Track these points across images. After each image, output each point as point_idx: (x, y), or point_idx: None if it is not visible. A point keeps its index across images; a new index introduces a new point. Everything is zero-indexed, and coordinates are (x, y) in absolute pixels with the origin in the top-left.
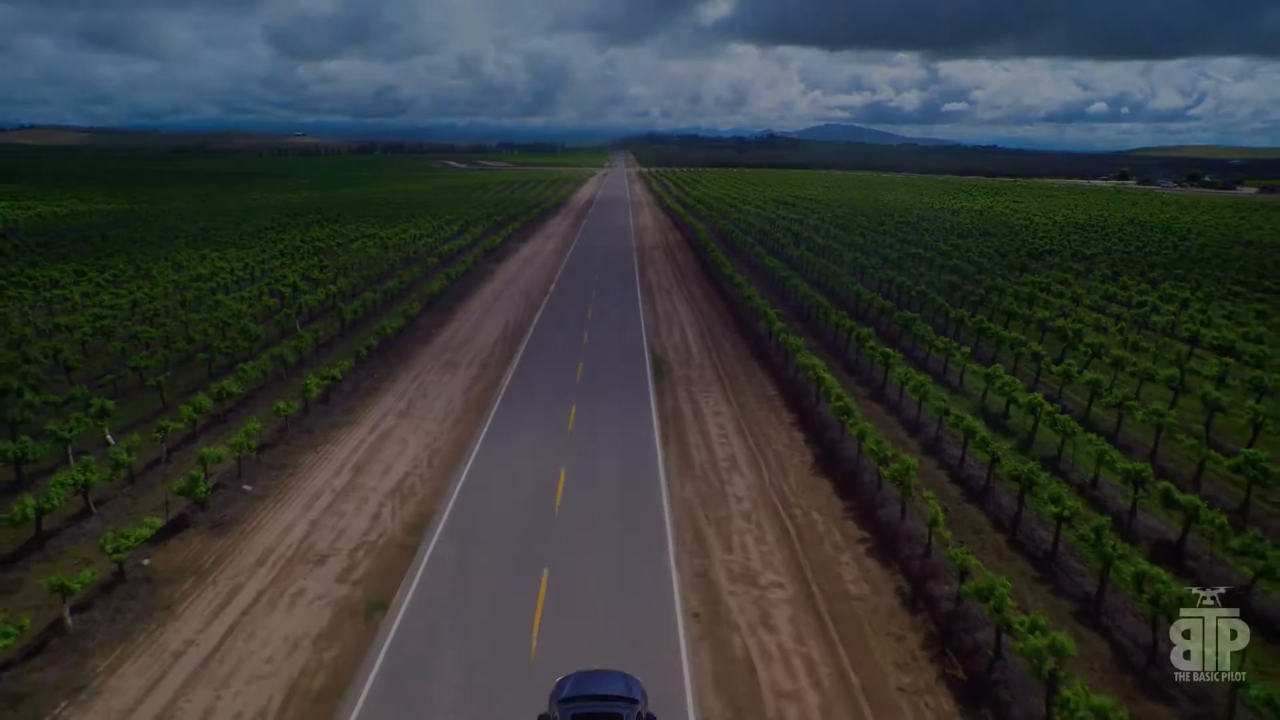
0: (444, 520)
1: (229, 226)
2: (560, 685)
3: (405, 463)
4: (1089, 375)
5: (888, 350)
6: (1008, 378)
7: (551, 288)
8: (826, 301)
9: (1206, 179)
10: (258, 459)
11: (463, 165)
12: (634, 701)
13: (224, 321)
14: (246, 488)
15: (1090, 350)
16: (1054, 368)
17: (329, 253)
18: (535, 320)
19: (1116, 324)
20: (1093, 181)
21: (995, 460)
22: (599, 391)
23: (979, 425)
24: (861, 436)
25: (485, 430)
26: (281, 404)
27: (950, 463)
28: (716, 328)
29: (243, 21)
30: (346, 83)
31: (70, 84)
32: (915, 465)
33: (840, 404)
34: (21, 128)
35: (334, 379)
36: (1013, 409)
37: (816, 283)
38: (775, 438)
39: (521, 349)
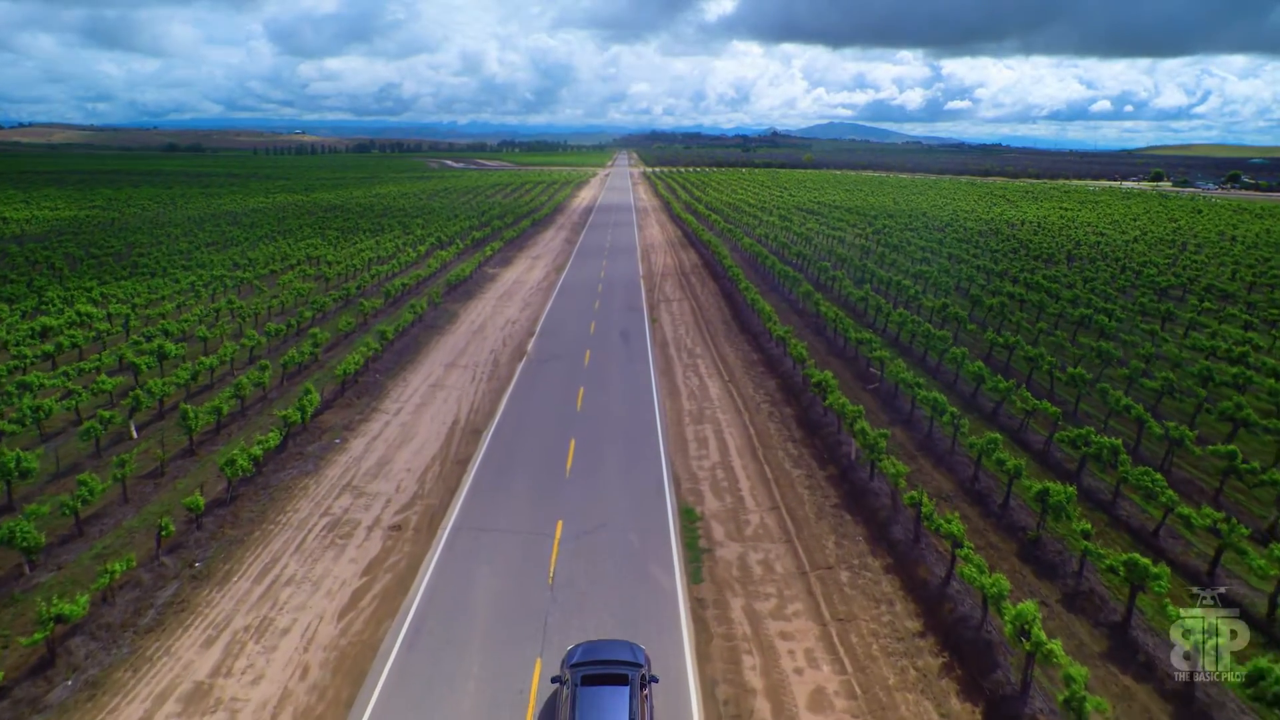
0: None
1: (166, 242)
2: (571, 653)
3: None
4: None
5: (1160, 581)
6: None
7: (530, 346)
8: (942, 397)
9: (1246, 180)
10: None
11: (459, 164)
12: (638, 665)
13: None
14: None
15: None
16: None
17: (249, 287)
18: (500, 411)
19: None
20: (1124, 183)
21: None
22: (588, 618)
23: None
24: None
25: None
26: None
27: None
28: (772, 437)
29: (244, 19)
30: (349, 80)
31: (73, 82)
32: None
33: None
34: (20, 125)
35: (57, 622)
36: None
37: (898, 346)
38: None
39: (469, 481)
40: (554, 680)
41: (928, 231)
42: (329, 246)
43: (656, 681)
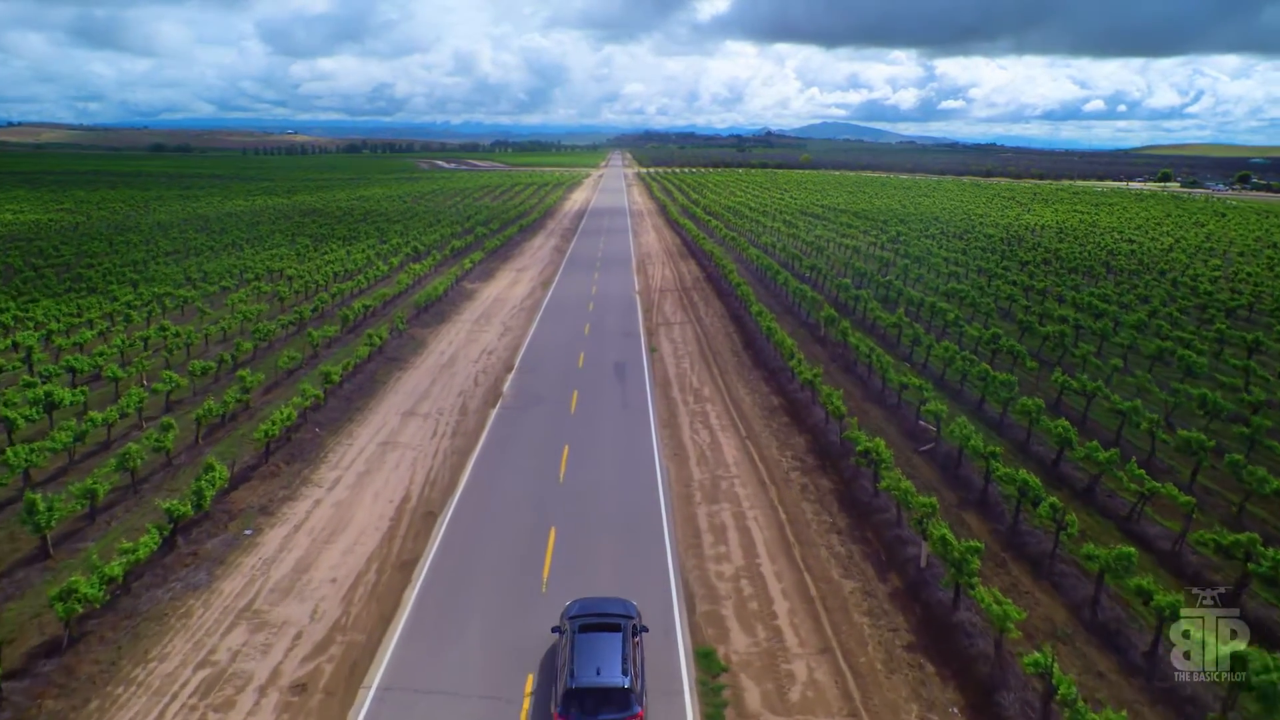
0: None
1: (122, 251)
2: (569, 607)
3: None
4: None
5: None
6: None
7: (507, 386)
8: (1034, 480)
9: (1256, 180)
10: None
11: (451, 165)
12: (630, 617)
13: None
14: None
15: None
16: None
17: (192, 309)
18: (463, 483)
19: None
20: (1131, 184)
21: None
22: None
23: None
24: None
25: None
26: None
27: None
28: (810, 524)
29: (235, 19)
30: (342, 80)
31: (64, 81)
32: None
33: None
34: (10, 125)
35: None
36: None
37: (946, 387)
38: None
39: (411, 599)
40: (554, 630)
41: (946, 239)
42: (295, 257)
43: (647, 631)
